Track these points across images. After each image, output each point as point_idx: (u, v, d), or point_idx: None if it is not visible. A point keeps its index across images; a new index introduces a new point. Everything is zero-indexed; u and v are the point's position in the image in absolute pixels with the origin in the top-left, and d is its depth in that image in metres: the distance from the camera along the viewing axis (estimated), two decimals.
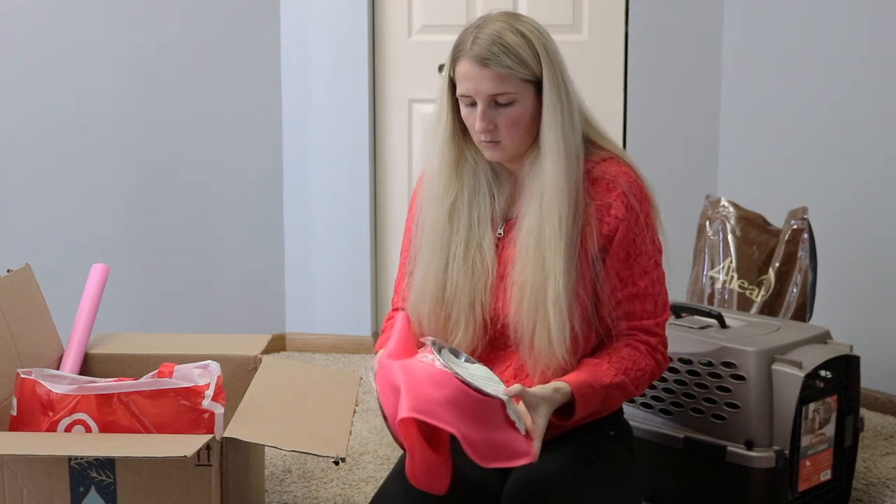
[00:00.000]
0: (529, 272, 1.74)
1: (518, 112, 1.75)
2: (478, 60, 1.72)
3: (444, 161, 1.81)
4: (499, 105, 1.74)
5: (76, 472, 1.84)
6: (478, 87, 1.73)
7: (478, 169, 1.83)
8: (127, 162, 3.61)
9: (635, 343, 1.80)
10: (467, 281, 1.79)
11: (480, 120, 1.74)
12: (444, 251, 1.81)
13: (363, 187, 3.70)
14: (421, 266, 1.83)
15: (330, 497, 2.53)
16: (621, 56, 3.59)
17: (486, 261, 1.80)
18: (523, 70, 1.73)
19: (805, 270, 2.72)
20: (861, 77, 3.14)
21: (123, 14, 3.54)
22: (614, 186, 1.78)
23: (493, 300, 1.80)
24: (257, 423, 1.92)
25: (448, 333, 1.81)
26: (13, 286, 2.24)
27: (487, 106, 1.74)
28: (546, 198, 1.74)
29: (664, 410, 2.33)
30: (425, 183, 1.85)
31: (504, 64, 1.72)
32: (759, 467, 2.17)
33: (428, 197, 1.84)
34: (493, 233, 1.82)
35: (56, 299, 2.50)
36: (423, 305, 1.82)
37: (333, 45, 3.65)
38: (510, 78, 1.72)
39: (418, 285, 1.83)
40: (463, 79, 1.75)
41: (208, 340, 2.48)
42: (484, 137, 1.76)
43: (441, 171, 1.81)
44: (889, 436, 2.94)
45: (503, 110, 1.74)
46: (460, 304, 1.80)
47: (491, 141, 1.76)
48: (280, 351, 3.80)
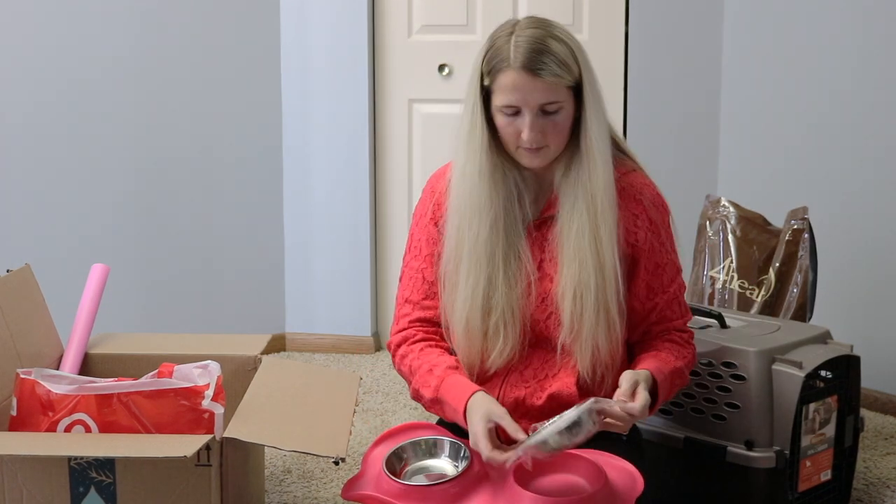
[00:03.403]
0: (590, 272, 1.76)
1: (564, 119, 1.76)
2: (527, 70, 1.71)
3: (482, 173, 1.80)
4: (546, 113, 1.74)
5: (76, 473, 1.84)
6: (527, 97, 1.72)
7: (507, 174, 1.82)
8: (127, 162, 3.61)
9: (672, 338, 1.89)
10: (510, 290, 1.81)
11: (530, 130, 1.73)
12: (489, 264, 1.81)
13: (363, 187, 3.70)
14: (466, 280, 1.82)
15: (330, 497, 2.53)
16: (621, 56, 3.59)
17: (525, 267, 1.82)
18: (569, 77, 1.74)
19: (805, 270, 2.72)
20: (861, 77, 3.14)
21: (123, 13, 3.54)
22: (640, 198, 1.83)
23: (533, 305, 1.82)
24: (257, 423, 1.92)
25: (488, 343, 1.83)
26: (13, 286, 2.24)
27: (535, 116, 1.73)
28: (598, 199, 1.76)
29: (664, 410, 2.33)
30: (462, 195, 1.82)
31: (554, 73, 1.71)
32: (759, 467, 2.17)
33: (467, 210, 1.81)
34: (525, 237, 1.83)
35: (56, 299, 2.50)
36: (473, 320, 1.81)
37: (333, 45, 3.65)
38: (558, 86, 1.73)
39: (466, 299, 1.82)
40: (509, 90, 1.73)
41: (208, 340, 2.48)
42: (531, 145, 1.75)
43: (481, 185, 1.80)
44: (889, 436, 2.94)
45: (551, 118, 1.74)
46: (503, 313, 1.81)
47: (536, 148, 1.76)
48: (280, 351, 3.80)
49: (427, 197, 1.93)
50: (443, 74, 3.65)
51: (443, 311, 1.87)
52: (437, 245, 1.89)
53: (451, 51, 3.64)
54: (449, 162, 1.90)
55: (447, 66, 3.65)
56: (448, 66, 3.64)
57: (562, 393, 1.82)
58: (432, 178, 1.95)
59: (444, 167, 1.94)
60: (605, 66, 3.61)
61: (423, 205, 1.93)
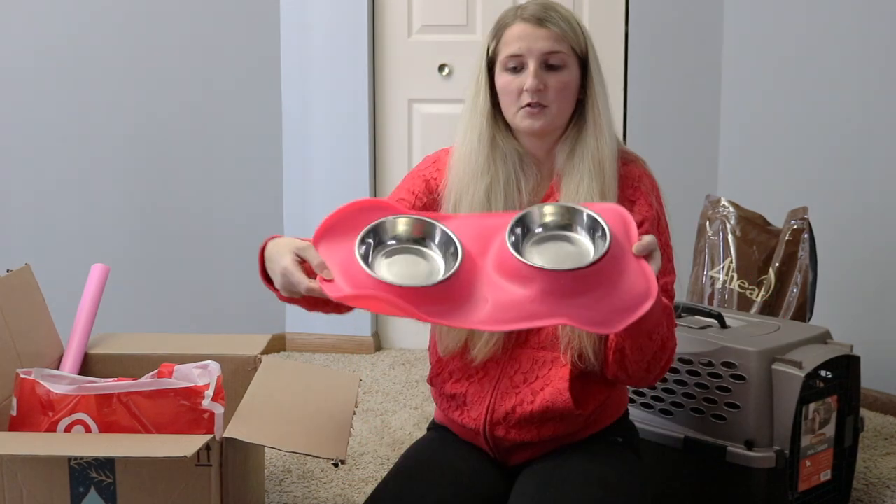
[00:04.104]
0: None
1: (567, 78, 1.76)
2: (533, 20, 1.74)
3: (482, 137, 1.79)
4: (549, 68, 1.75)
5: (76, 473, 1.84)
6: (532, 45, 1.74)
7: (507, 157, 1.81)
8: (127, 162, 3.61)
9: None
10: None
11: (533, 77, 1.73)
12: None
13: (363, 187, 3.70)
14: None
15: (330, 497, 2.53)
16: (621, 56, 3.59)
17: None
18: (574, 37, 1.76)
19: (805, 270, 2.72)
20: (861, 77, 3.14)
21: (124, 13, 3.54)
22: (639, 186, 1.80)
23: None
24: (257, 424, 1.92)
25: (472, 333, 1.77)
26: (13, 286, 2.24)
27: (539, 66, 1.74)
28: (606, 169, 1.75)
29: (664, 410, 2.33)
30: (461, 158, 1.81)
31: (559, 25, 1.74)
32: (759, 467, 2.17)
33: (466, 172, 1.79)
34: None
35: (56, 299, 2.50)
36: None
37: (333, 45, 3.65)
38: (563, 39, 1.75)
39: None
40: (514, 40, 1.75)
41: (208, 340, 2.48)
42: (532, 98, 1.74)
43: (480, 148, 1.79)
44: (889, 436, 2.94)
45: (553, 74, 1.75)
46: None
47: (538, 104, 1.74)
48: (280, 351, 3.80)
49: (423, 164, 1.90)
50: (443, 74, 3.66)
51: None
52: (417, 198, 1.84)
53: (451, 51, 3.64)
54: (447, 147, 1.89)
55: (447, 66, 3.65)
56: (448, 66, 3.65)
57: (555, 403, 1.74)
58: (430, 154, 1.93)
59: (442, 149, 1.92)
60: (606, 66, 3.59)
61: (418, 168, 1.89)
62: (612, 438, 1.83)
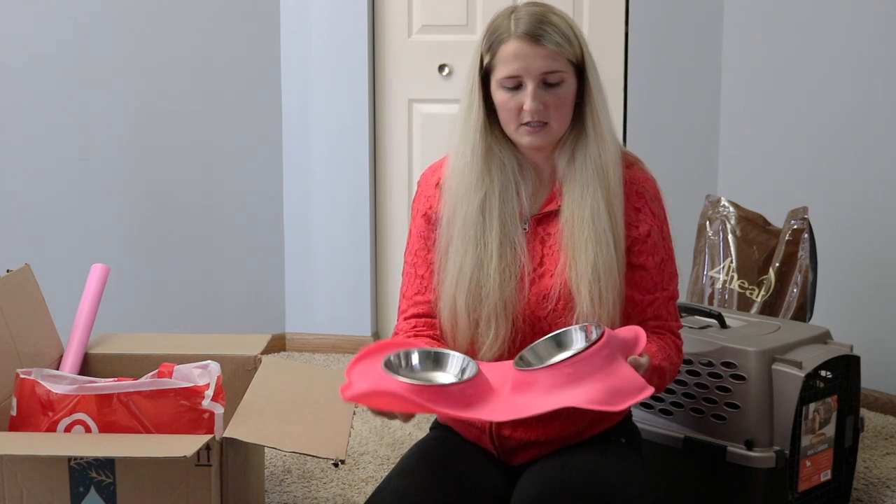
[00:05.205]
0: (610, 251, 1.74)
1: (566, 93, 1.74)
2: (528, 38, 1.71)
3: (475, 152, 1.78)
4: (548, 85, 1.73)
5: (76, 473, 1.84)
6: (529, 65, 1.71)
7: (504, 164, 1.80)
8: (127, 162, 3.61)
9: (667, 340, 1.83)
10: (502, 280, 1.77)
11: (532, 99, 1.71)
12: (477, 246, 1.78)
13: (363, 187, 3.70)
14: (455, 259, 1.79)
15: (330, 497, 2.53)
16: (621, 56, 3.59)
17: (520, 260, 1.78)
18: (570, 50, 1.73)
19: (805, 270, 2.72)
20: (861, 77, 3.14)
21: (124, 14, 3.54)
22: (643, 192, 1.80)
23: (529, 301, 1.78)
24: (257, 424, 1.92)
25: (479, 334, 1.79)
26: (13, 286, 2.24)
27: (537, 86, 1.72)
28: (610, 176, 1.74)
29: (664, 410, 2.33)
30: (454, 173, 1.81)
31: (555, 41, 1.71)
32: (759, 467, 2.17)
33: (459, 187, 1.79)
34: (524, 232, 1.81)
35: (56, 299, 2.50)
36: (459, 299, 1.78)
37: (333, 45, 3.65)
38: (560, 56, 1.72)
39: (453, 279, 1.79)
40: (510, 59, 1.72)
41: (208, 340, 2.48)
42: (532, 118, 1.73)
43: (473, 163, 1.78)
44: (889, 436, 2.94)
45: (552, 91, 1.73)
46: (494, 303, 1.77)
47: (538, 122, 1.73)
48: (280, 351, 3.80)
49: (419, 192, 1.91)
50: (443, 74, 3.66)
51: (434, 297, 1.84)
52: (427, 240, 1.86)
53: (451, 51, 3.64)
54: (442, 157, 1.89)
55: (447, 66, 3.65)
56: (448, 66, 3.65)
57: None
58: (426, 171, 1.93)
59: (437, 162, 1.92)
60: (605, 66, 3.59)
61: (417, 200, 1.91)
62: (616, 439, 1.83)
